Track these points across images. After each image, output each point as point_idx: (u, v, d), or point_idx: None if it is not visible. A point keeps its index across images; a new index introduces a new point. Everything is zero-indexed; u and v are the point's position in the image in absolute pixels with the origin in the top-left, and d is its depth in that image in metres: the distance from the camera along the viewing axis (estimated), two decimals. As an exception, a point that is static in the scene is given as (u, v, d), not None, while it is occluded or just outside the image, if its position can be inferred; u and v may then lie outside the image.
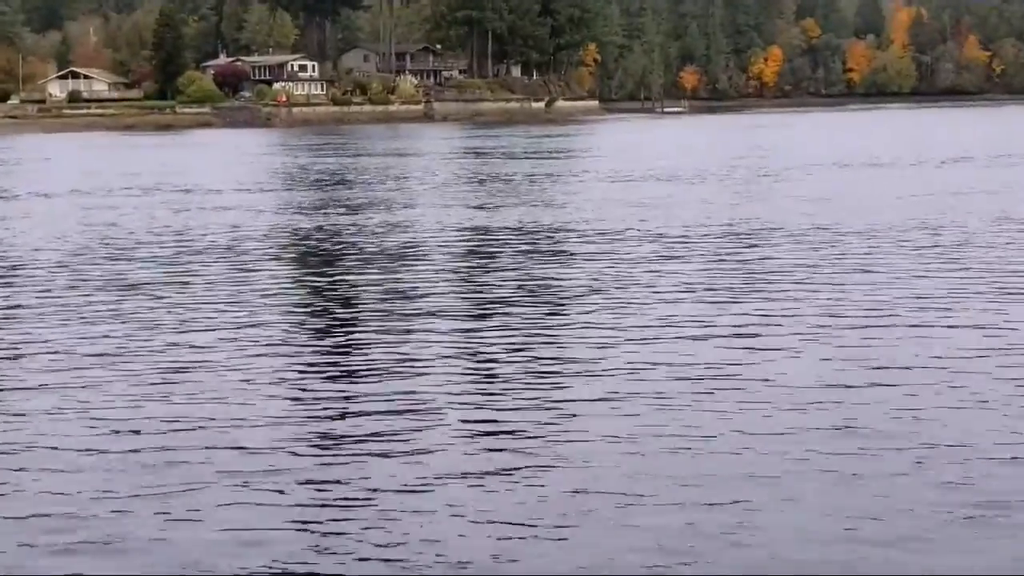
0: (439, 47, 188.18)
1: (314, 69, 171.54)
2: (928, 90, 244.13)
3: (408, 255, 27.48)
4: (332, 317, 19.99)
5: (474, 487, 10.97)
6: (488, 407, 13.69)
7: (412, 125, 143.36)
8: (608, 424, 12.80)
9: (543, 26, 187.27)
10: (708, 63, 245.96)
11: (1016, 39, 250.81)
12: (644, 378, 14.74)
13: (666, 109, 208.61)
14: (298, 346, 17.48)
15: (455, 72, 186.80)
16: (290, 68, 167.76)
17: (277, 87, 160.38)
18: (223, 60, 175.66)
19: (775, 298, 20.16)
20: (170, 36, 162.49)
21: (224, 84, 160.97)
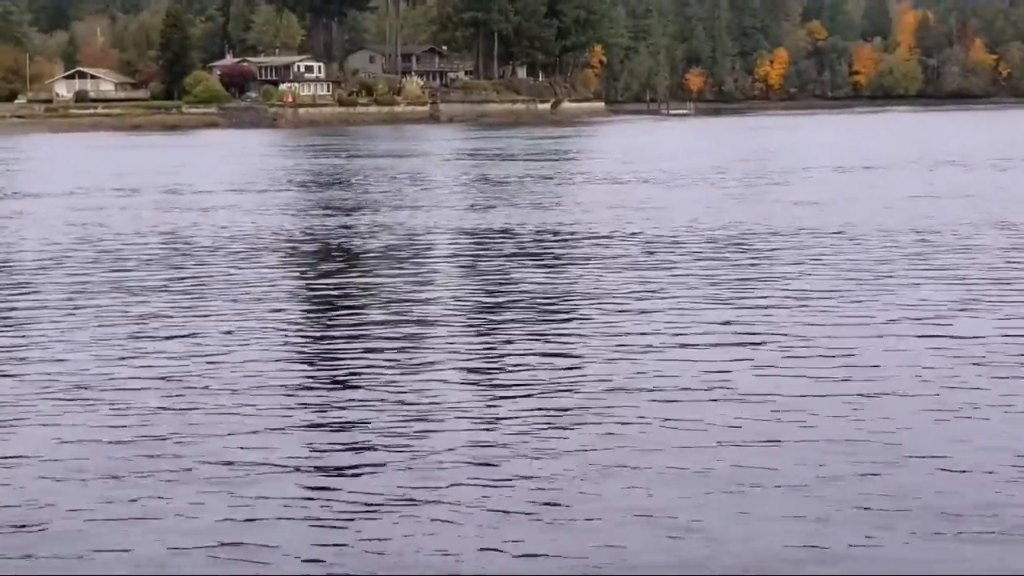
0: (445, 48, 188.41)
1: (320, 70, 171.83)
2: (934, 93, 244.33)
3: (408, 255, 27.52)
4: (327, 319, 19.97)
5: (473, 487, 10.99)
6: (487, 407, 13.71)
7: (418, 126, 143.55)
8: (608, 424, 12.83)
9: (549, 28, 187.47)
10: (714, 65, 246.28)
11: (1022, 43, 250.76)
12: (645, 380, 14.77)
13: (672, 111, 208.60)
14: (292, 347, 17.47)
15: (461, 73, 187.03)
16: (296, 69, 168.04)
17: (283, 88, 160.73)
18: (229, 60, 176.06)
19: (774, 301, 20.20)
20: (177, 36, 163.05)
21: (230, 85, 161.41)
